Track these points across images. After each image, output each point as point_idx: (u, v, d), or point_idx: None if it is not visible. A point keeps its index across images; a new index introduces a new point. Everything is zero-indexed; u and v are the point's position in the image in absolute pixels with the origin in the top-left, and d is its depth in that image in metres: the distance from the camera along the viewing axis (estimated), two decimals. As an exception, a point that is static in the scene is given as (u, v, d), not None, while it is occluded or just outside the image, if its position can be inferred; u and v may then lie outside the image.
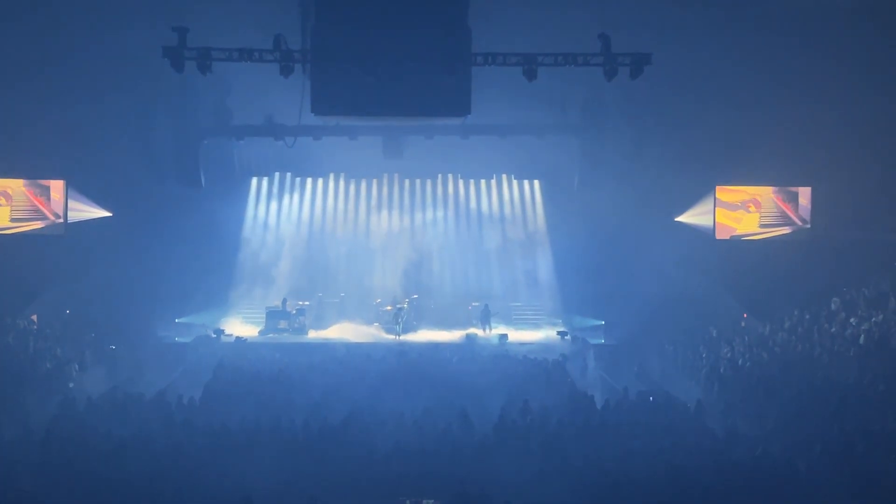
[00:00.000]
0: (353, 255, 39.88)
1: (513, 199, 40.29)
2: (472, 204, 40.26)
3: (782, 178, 34.37)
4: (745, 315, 33.24)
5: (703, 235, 34.80)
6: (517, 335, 36.25)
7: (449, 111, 24.13)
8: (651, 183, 33.73)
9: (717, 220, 34.46)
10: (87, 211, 34.25)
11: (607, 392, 27.58)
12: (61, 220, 33.40)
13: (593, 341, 35.02)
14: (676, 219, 35.52)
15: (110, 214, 34.61)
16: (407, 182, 40.26)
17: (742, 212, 34.62)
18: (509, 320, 38.22)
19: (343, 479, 18.32)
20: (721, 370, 27.80)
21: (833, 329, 28.75)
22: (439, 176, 40.08)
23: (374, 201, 40.28)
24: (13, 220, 33.24)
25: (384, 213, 40.18)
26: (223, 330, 35.54)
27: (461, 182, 40.34)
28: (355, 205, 40.27)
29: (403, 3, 23.02)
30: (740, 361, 28.29)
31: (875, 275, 31.37)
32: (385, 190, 40.33)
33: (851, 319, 28.79)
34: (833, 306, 30.40)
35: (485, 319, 36.74)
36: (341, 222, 40.13)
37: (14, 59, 29.64)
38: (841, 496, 17.00)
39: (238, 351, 32.29)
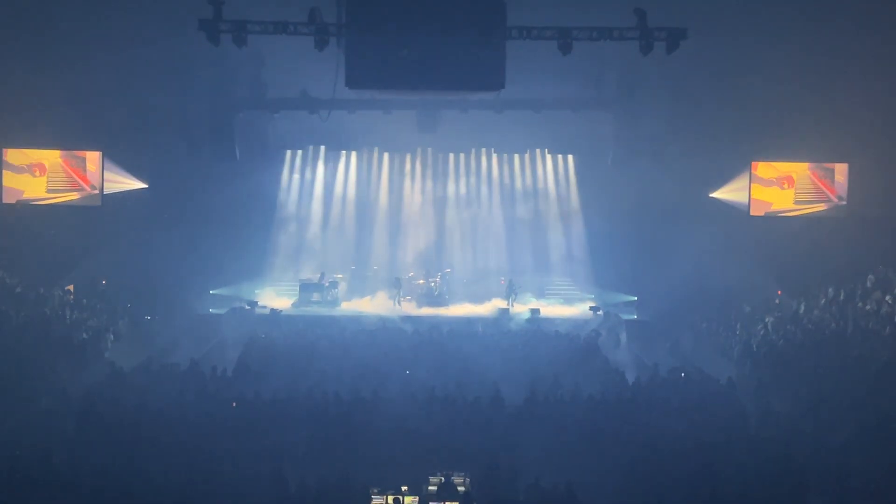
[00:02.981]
0: (387, 228, 39.96)
1: (546, 174, 40.19)
2: (506, 178, 40.18)
3: (818, 155, 34.03)
4: (779, 292, 33.04)
5: (738, 212, 34.58)
6: (549, 310, 36.23)
7: (483, 85, 24.05)
8: (686, 158, 33.51)
9: (752, 196, 34.17)
10: (123, 182, 34.46)
11: (639, 368, 27.58)
12: (97, 192, 33.60)
13: (626, 317, 34.99)
14: (711, 195, 35.30)
15: (146, 186, 34.84)
16: (441, 156, 40.21)
17: (777, 188, 34.33)
18: (541, 295, 38.21)
19: (374, 451, 18.49)
20: (754, 347, 27.69)
21: (868, 307, 28.55)
22: (473, 150, 39.97)
23: (407, 175, 40.27)
24: (50, 191, 33.47)
25: (418, 186, 40.20)
26: (257, 302, 35.82)
27: (495, 156, 40.23)
28: (389, 178, 40.28)
29: (439, -24, 22.97)
30: (774, 338, 28.16)
31: (912, 252, 31.12)
32: (419, 164, 40.30)
33: (887, 297, 28.56)
34: (868, 284, 30.16)
35: (509, 294, 36.71)
36: (374, 196, 40.16)
37: (51, 31, 29.82)
38: (875, 474, 16.95)
39: (271, 323, 32.55)
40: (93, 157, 33.64)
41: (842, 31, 29.21)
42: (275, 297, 37.38)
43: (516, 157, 40.17)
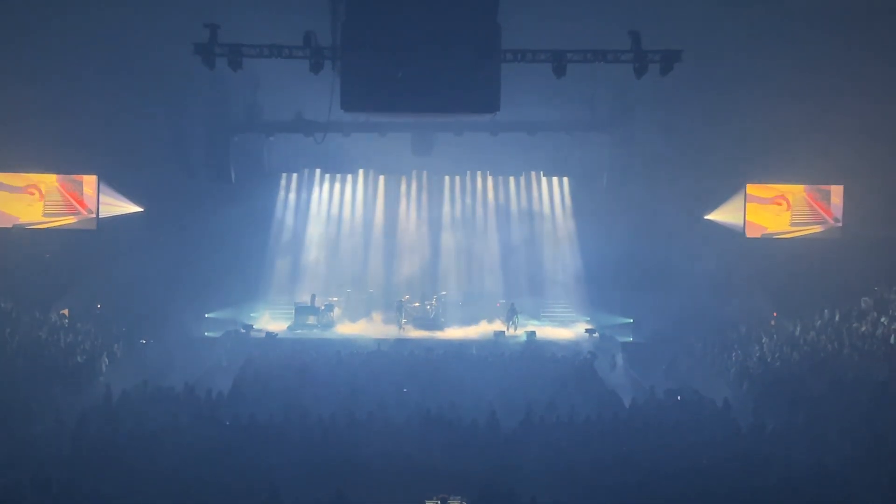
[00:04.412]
0: (382, 251, 39.97)
1: (542, 197, 40.25)
2: (501, 201, 40.22)
3: (814, 176, 34.12)
4: (774, 314, 33.02)
5: (733, 233, 34.61)
6: (545, 332, 36.17)
7: (478, 108, 24.08)
8: (681, 180, 33.58)
9: (747, 218, 34.26)
10: (119, 206, 34.47)
11: (635, 390, 27.53)
12: (93, 216, 33.58)
13: (622, 339, 34.96)
14: (706, 217, 35.36)
15: (142, 210, 34.85)
16: (436, 178, 40.26)
17: (773, 210, 34.39)
18: (537, 318, 38.16)
19: (370, 474, 18.41)
20: (750, 369, 27.68)
21: (864, 328, 28.55)
22: (468, 173, 40.02)
23: (403, 197, 40.30)
24: (46, 214, 33.47)
25: (413, 209, 40.22)
26: (252, 325, 35.78)
27: (490, 179, 40.29)
28: (384, 201, 40.33)
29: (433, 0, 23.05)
30: (770, 360, 28.15)
31: (907, 274, 31.13)
32: (414, 186, 40.35)
33: (882, 319, 28.57)
34: (864, 305, 30.18)
35: (510, 318, 36.63)
36: (370, 218, 40.19)
37: (47, 54, 29.86)
38: (873, 495, 16.91)
39: (267, 346, 32.49)
40: (89, 181, 33.65)
41: (837, 53, 29.30)
42: (270, 321, 37.32)
43: (511, 179, 40.22)
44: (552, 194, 40.24)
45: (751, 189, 34.28)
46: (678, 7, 27.30)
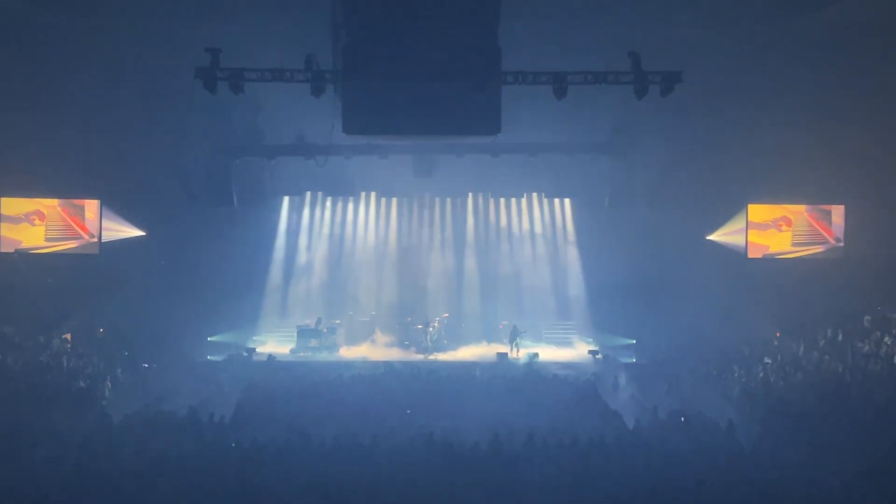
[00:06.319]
0: (384, 273, 39.99)
1: (543, 218, 40.29)
2: (503, 222, 40.29)
3: (815, 197, 34.11)
4: (777, 334, 32.96)
5: (735, 254, 34.59)
6: (548, 354, 36.16)
7: (479, 130, 24.11)
8: (682, 201, 33.59)
9: (749, 238, 34.20)
10: (120, 230, 34.47)
11: (638, 411, 27.46)
12: (95, 240, 33.60)
13: (624, 360, 34.90)
14: (708, 237, 35.35)
15: (144, 234, 34.86)
16: (437, 200, 40.33)
17: (774, 230, 34.37)
18: (540, 339, 38.13)
19: (373, 497, 18.35)
20: (754, 389, 27.60)
21: (866, 348, 28.50)
22: (469, 194, 40.11)
23: (404, 219, 40.35)
24: (48, 239, 33.47)
25: (415, 231, 40.27)
26: (254, 349, 35.75)
27: (492, 200, 40.36)
28: (386, 223, 40.38)
29: (434, 23, 23.05)
30: (773, 380, 28.09)
31: (909, 293, 31.09)
32: (416, 208, 40.42)
33: (886, 338, 28.52)
34: (867, 325, 30.12)
35: (513, 339, 36.54)
36: (372, 241, 40.23)
37: (48, 80, 29.95)
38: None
39: (269, 369, 32.44)
40: (91, 206, 33.66)
41: (838, 73, 29.34)
42: (273, 344, 37.33)
43: (513, 201, 40.30)
44: (554, 216, 40.31)
45: (752, 209, 34.24)
46: (679, 29, 27.36)
